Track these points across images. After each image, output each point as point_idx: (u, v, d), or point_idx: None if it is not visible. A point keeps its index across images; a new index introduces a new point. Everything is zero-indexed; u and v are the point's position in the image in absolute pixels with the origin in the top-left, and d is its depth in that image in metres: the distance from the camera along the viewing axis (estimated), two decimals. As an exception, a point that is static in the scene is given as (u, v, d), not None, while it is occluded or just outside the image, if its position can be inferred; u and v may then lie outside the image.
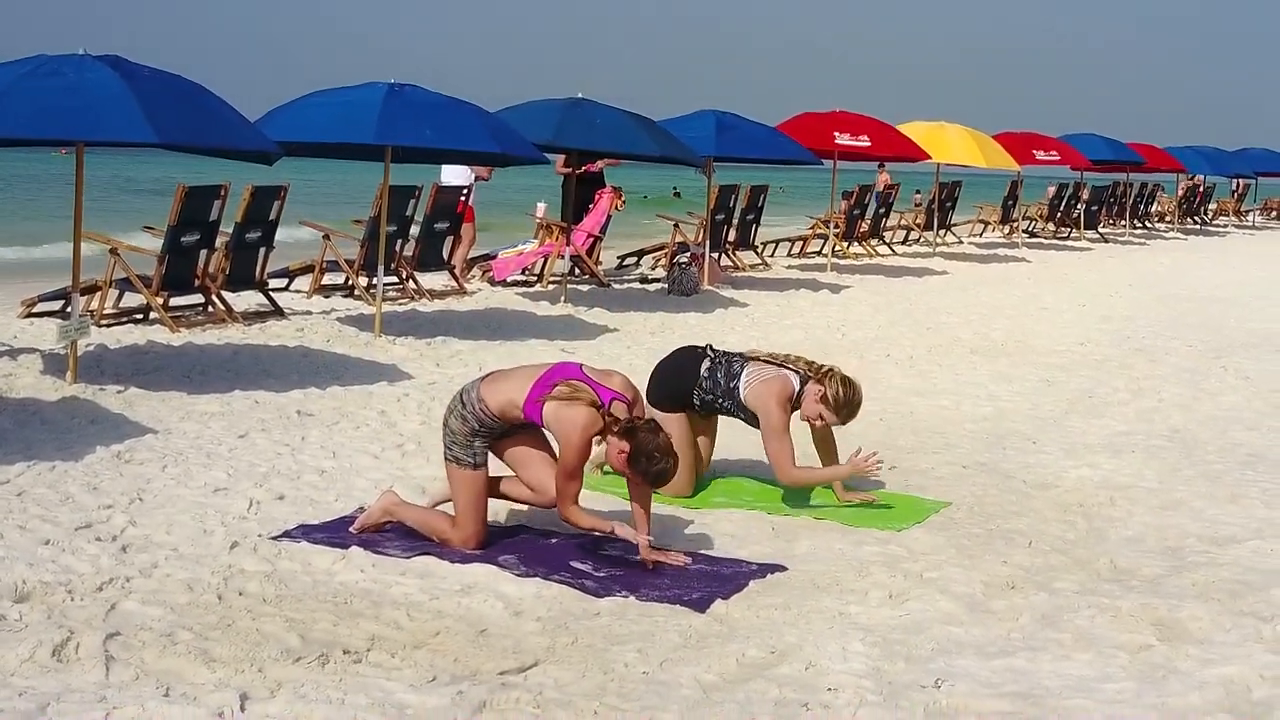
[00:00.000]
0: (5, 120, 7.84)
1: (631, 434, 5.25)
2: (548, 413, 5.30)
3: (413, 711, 3.90)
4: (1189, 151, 33.22)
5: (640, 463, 5.25)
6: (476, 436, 5.44)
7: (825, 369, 6.38)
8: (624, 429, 5.26)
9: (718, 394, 6.43)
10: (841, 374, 6.35)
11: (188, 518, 5.76)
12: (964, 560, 5.57)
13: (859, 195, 21.66)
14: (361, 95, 10.75)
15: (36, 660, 4.13)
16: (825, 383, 6.28)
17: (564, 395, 5.29)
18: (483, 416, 5.41)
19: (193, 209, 11.00)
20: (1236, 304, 16.45)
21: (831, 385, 6.27)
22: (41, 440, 6.99)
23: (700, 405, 6.52)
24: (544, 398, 5.30)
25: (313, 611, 4.69)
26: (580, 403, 5.26)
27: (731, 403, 6.42)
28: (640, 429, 5.27)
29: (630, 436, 5.25)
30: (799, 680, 4.23)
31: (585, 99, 13.65)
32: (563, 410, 5.27)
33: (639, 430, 5.26)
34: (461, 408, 5.45)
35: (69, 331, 8.53)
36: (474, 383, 5.53)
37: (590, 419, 5.25)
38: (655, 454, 5.24)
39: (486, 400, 5.40)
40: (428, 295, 13.75)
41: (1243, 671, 4.38)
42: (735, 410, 6.44)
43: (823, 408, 6.28)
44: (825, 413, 6.30)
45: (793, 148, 16.77)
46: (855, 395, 6.31)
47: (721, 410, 6.52)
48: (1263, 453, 7.96)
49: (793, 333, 12.37)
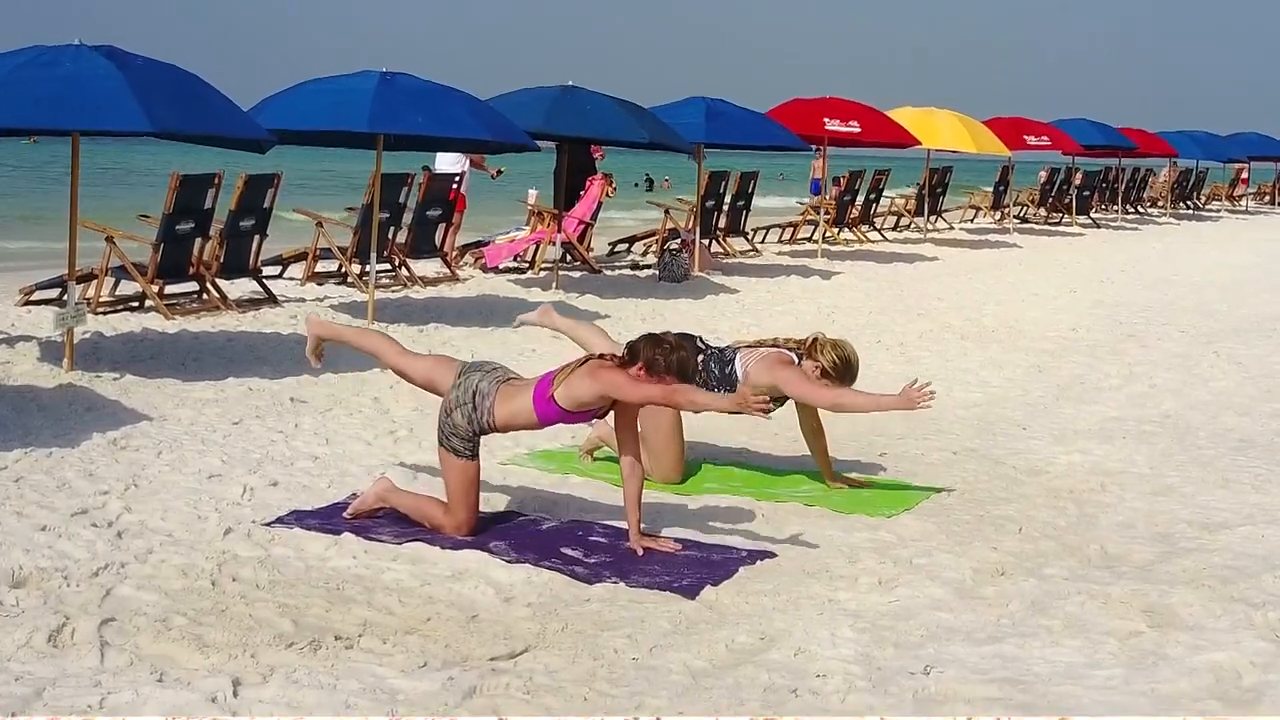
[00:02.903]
0: (4, 110, 7.83)
1: (633, 353, 5.37)
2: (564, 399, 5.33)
3: (404, 697, 3.92)
4: (1181, 136, 33.18)
5: (659, 362, 5.32)
6: (478, 435, 5.49)
7: (811, 341, 6.35)
8: (624, 358, 5.38)
9: (711, 385, 6.41)
10: (828, 340, 6.34)
11: (182, 504, 5.76)
12: (954, 546, 5.58)
13: (849, 181, 21.64)
14: (354, 83, 10.73)
15: (33, 645, 4.14)
16: (819, 355, 6.27)
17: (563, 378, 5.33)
18: (487, 427, 5.47)
19: (187, 197, 10.99)
20: (1229, 289, 16.47)
21: (826, 356, 6.26)
22: (38, 427, 6.98)
23: None
24: (550, 394, 5.34)
25: (305, 597, 4.70)
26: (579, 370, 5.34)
27: (731, 389, 6.40)
28: (635, 345, 5.40)
29: (632, 355, 5.37)
30: (788, 666, 4.23)
31: (576, 86, 13.64)
32: (574, 385, 5.32)
33: (636, 346, 5.39)
34: (472, 410, 5.42)
35: (65, 319, 8.52)
36: (490, 386, 5.45)
37: (598, 364, 5.36)
38: (665, 346, 5.36)
39: (495, 414, 5.44)
40: (420, 282, 13.74)
41: (1233, 658, 4.37)
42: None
43: (825, 380, 6.26)
44: (830, 384, 6.28)
45: (782, 134, 16.76)
46: (850, 355, 6.30)
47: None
48: (1254, 438, 7.98)
49: (784, 319, 12.36)
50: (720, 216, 17.92)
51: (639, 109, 13.97)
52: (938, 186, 24.52)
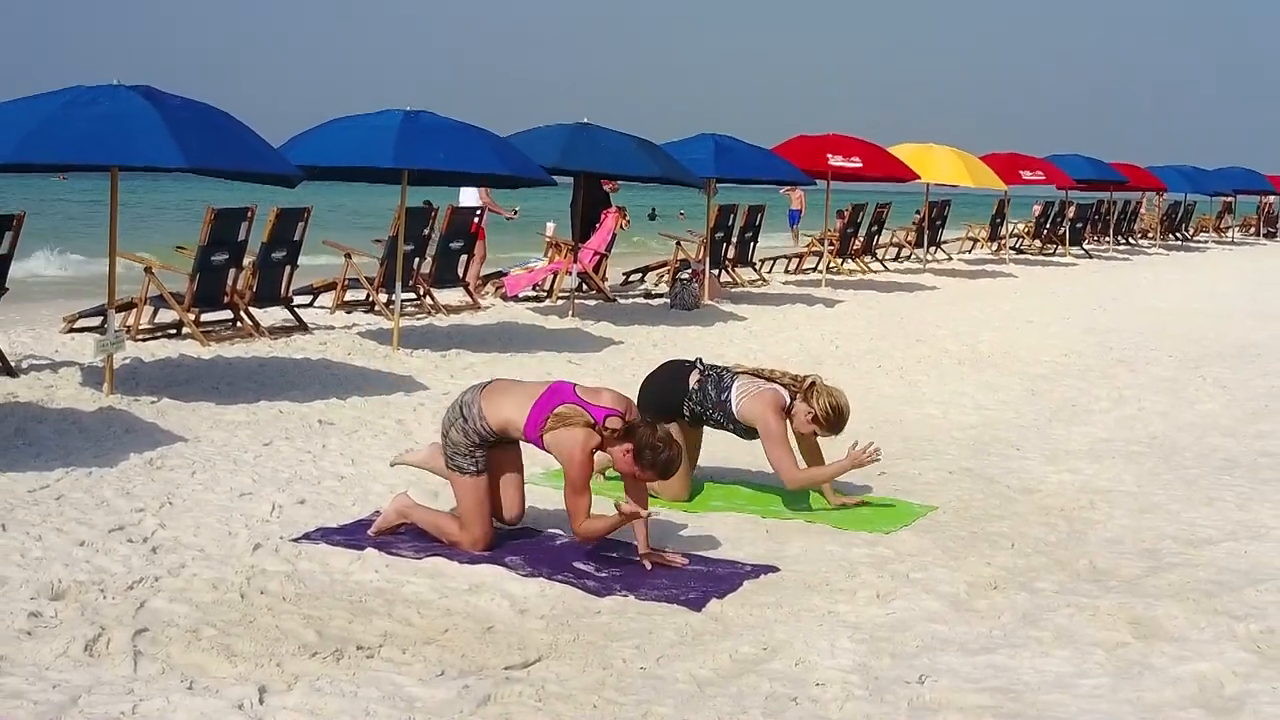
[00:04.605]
0: (48, 147, 7.89)
1: (631, 433, 5.28)
2: (549, 441, 5.32)
3: (421, 704, 3.92)
4: (1170, 170, 33.17)
5: (646, 456, 5.26)
6: (478, 448, 5.46)
7: (808, 383, 6.31)
8: (622, 431, 5.28)
9: (708, 406, 6.40)
10: (824, 386, 6.30)
11: (214, 520, 5.78)
12: (949, 561, 5.57)
13: (852, 214, 21.66)
14: (379, 121, 10.78)
15: (70, 655, 4.15)
16: (813, 402, 6.24)
17: (560, 424, 5.29)
18: (483, 431, 5.43)
19: (222, 230, 11.06)
20: (1215, 316, 16.42)
21: (819, 403, 6.23)
22: (79, 448, 7.02)
23: (690, 417, 6.49)
24: (542, 431, 5.31)
25: (329, 609, 4.70)
26: (576, 424, 5.27)
27: (723, 415, 6.39)
28: (638, 426, 5.30)
29: (630, 436, 5.27)
30: (789, 675, 4.23)
31: (590, 123, 13.68)
32: (561, 434, 5.27)
33: (637, 428, 5.29)
34: (463, 421, 5.44)
35: (106, 345, 8.57)
36: (473, 394, 5.50)
37: (588, 436, 5.27)
38: (658, 444, 5.27)
39: (488, 418, 5.41)
40: (444, 310, 13.77)
41: (1216, 668, 4.36)
42: (725, 422, 6.40)
43: (815, 426, 6.28)
44: (819, 430, 6.30)
45: (787, 169, 16.79)
46: (843, 408, 6.28)
47: (710, 421, 6.48)
48: (1238, 458, 7.95)
49: (788, 345, 12.37)
50: (729, 247, 17.95)
51: (650, 145, 14.00)
52: (937, 219, 24.52)
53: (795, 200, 32.69)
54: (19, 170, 9.27)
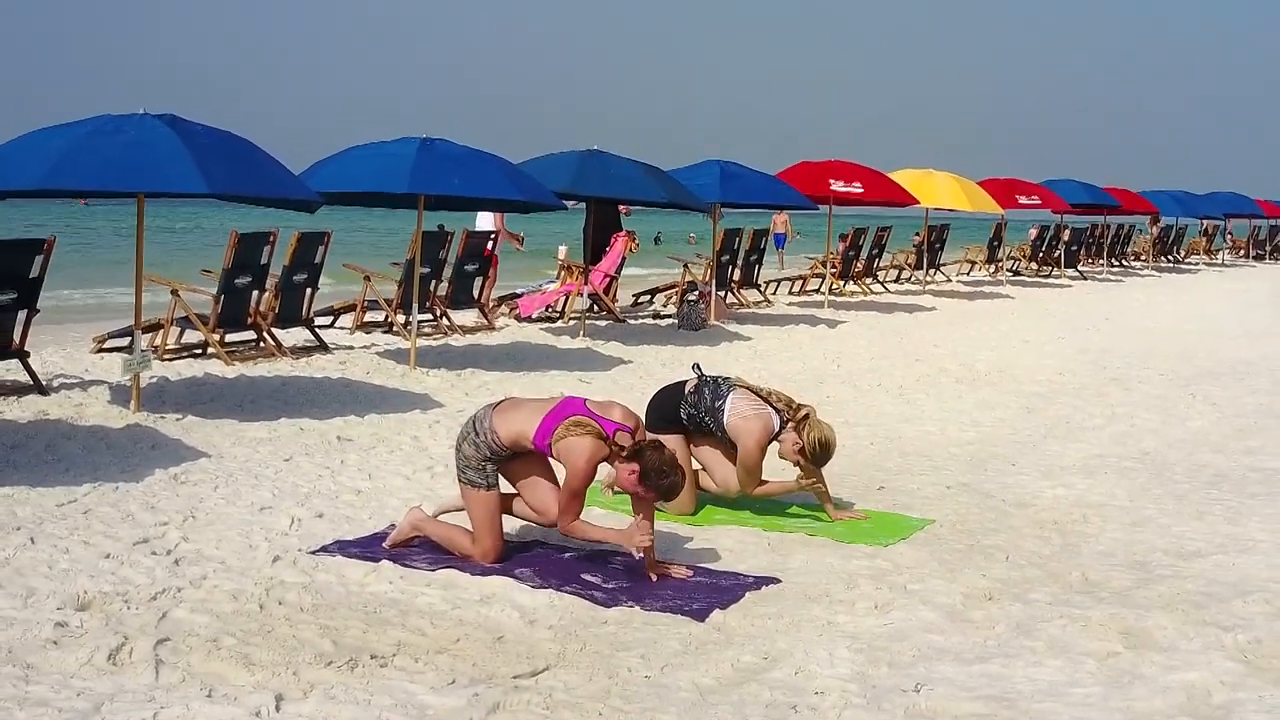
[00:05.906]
0: (76, 173, 7.94)
1: (639, 455, 5.26)
2: (558, 448, 5.31)
3: (433, 712, 3.91)
4: (1162, 195, 33.13)
5: (650, 479, 5.25)
6: (488, 462, 5.46)
7: (802, 414, 6.29)
8: (631, 452, 5.27)
9: (701, 410, 6.41)
10: (817, 421, 6.28)
11: (235, 534, 5.79)
12: (945, 573, 5.54)
13: (854, 238, 21.66)
14: (396, 149, 10.80)
15: (94, 663, 4.16)
16: (802, 435, 6.23)
17: (571, 432, 5.29)
18: (494, 445, 5.43)
19: (245, 253, 11.09)
20: (1206, 336, 16.37)
21: (809, 436, 6.22)
22: (107, 463, 7.03)
23: (686, 419, 6.49)
24: (551, 441, 5.31)
25: (345, 620, 4.70)
26: (587, 434, 5.27)
27: (714, 421, 6.39)
28: (646, 448, 5.28)
29: (638, 457, 5.26)
30: (789, 684, 4.21)
31: (599, 150, 13.70)
32: (571, 441, 5.27)
33: (645, 450, 5.27)
34: (475, 436, 5.45)
35: (133, 365, 8.59)
36: (486, 411, 5.53)
37: (596, 447, 5.27)
38: (664, 469, 5.25)
39: (499, 432, 5.41)
40: (459, 331, 13.79)
41: (1204, 677, 4.34)
42: (716, 429, 6.41)
43: (800, 458, 6.29)
44: (803, 463, 6.31)
45: (791, 194, 16.80)
46: (829, 444, 6.27)
47: (703, 426, 6.47)
48: (1227, 473, 7.91)
49: (792, 364, 12.35)
50: (735, 270, 17.95)
51: (658, 171, 14.01)
52: (936, 242, 24.50)
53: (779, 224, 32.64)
54: (44, 196, 9.30)
